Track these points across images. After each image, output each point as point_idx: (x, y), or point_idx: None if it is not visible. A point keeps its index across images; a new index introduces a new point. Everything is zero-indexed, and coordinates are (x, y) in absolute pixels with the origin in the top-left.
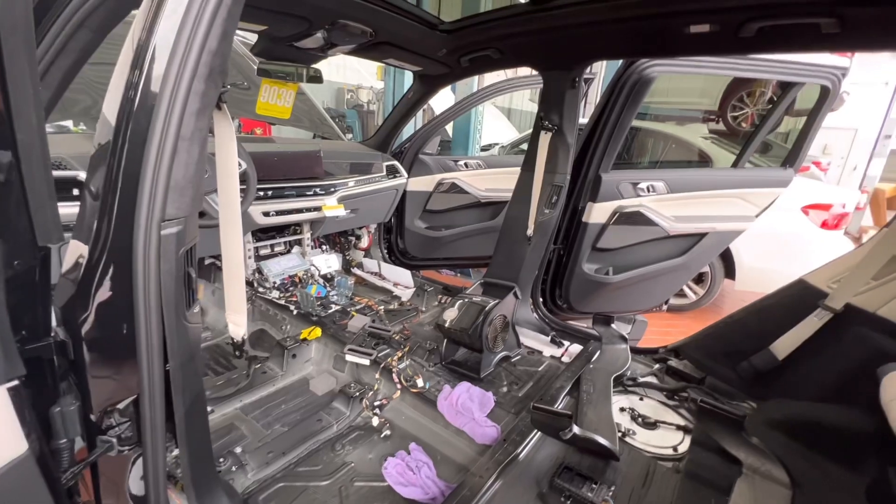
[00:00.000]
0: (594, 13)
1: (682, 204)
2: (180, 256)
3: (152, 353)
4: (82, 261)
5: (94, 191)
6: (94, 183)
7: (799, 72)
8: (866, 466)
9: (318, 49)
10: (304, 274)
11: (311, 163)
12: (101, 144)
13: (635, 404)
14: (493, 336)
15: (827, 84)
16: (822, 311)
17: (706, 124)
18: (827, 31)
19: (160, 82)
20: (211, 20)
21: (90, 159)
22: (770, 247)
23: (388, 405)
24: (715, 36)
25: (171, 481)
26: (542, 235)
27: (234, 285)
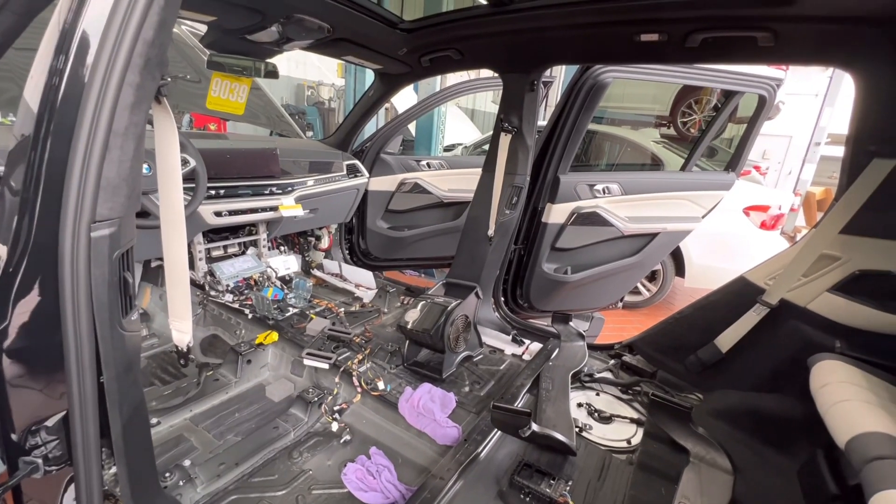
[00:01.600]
0: (551, 19)
1: (635, 205)
2: (114, 260)
3: (83, 364)
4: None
5: (14, 186)
6: (14, 178)
7: (739, 82)
8: (798, 450)
9: (274, 43)
10: (261, 276)
11: (267, 161)
12: (24, 136)
13: (592, 399)
14: (454, 336)
15: (764, 94)
16: (760, 306)
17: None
18: (763, 44)
19: (89, 72)
20: (147, 6)
21: (9, 153)
22: (716, 246)
23: (348, 409)
24: (663, 45)
25: (111, 500)
26: (502, 235)
27: (177, 290)
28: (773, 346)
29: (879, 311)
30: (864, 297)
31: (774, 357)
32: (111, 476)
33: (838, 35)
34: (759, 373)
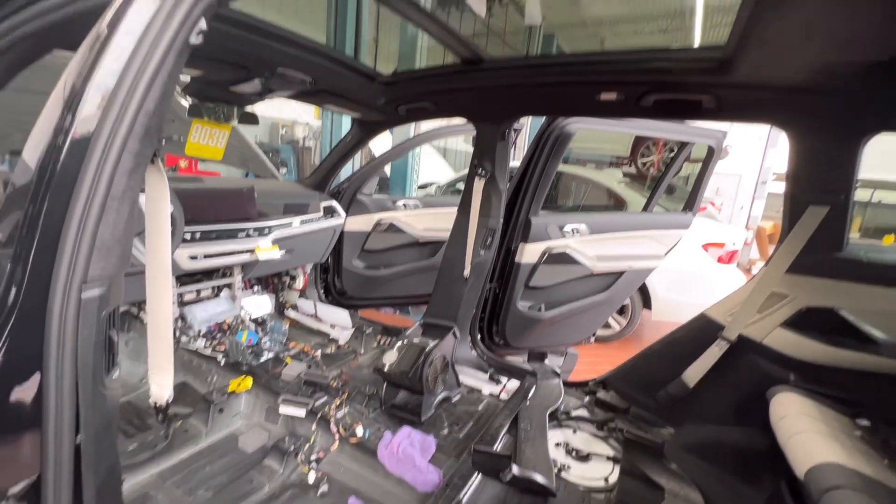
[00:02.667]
0: (519, 77)
1: (602, 244)
2: (102, 319)
3: (62, 425)
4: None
5: (3, 238)
6: (2, 228)
7: (690, 133)
8: (764, 481)
9: (256, 94)
10: (234, 320)
11: (244, 203)
12: (19, 187)
13: (569, 438)
14: (433, 377)
15: (712, 144)
16: (721, 341)
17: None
18: (708, 106)
19: (92, 137)
20: (151, 80)
21: (3, 200)
22: (679, 281)
23: (326, 458)
24: (621, 103)
25: None
26: (478, 275)
27: (160, 344)
28: (735, 380)
29: (825, 345)
30: (812, 332)
31: (737, 390)
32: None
33: (771, 100)
34: (724, 406)
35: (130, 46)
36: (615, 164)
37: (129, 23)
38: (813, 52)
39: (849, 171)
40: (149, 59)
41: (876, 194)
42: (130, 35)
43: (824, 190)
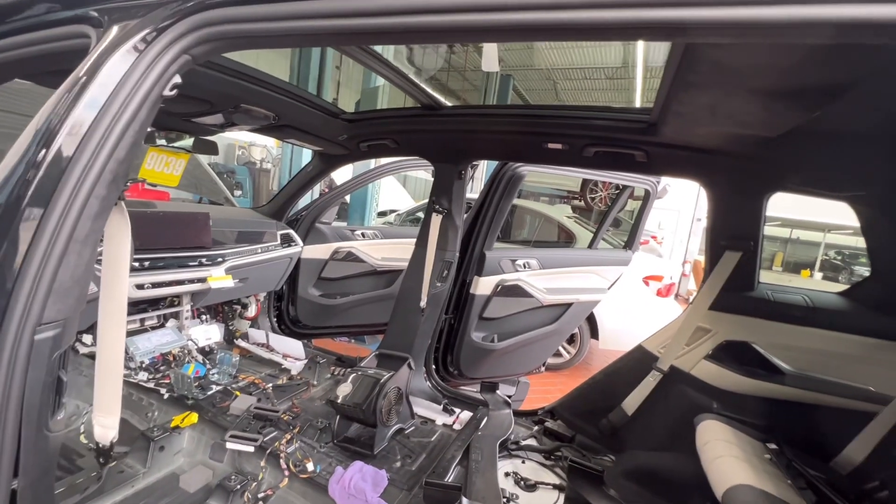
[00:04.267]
0: (474, 125)
1: (551, 278)
2: (53, 360)
3: (1, 469)
4: None
5: None
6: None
7: (630, 178)
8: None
9: (218, 126)
10: (180, 351)
11: (199, 231)
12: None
13: (518, 468)
14: (387, 409)
15: (648, 188)
16: (655, 371)
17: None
18: (639, 160)
19: (61, 180)
20: (124, 129)
21: None
22: (622, 311)
23: (274, 495)
24: (566, 152)
25: None
26: (434, 306)
27: (108, 382)
28: (668, 408)
29: (741, 376)
30: (731, 364)
31: (669, 418)
32: None
33: (691, 159)
34: (658, 433)
35: (106, 95)
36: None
37: (107, 72)
38: (719, 125)
39: (756, 223)
40: (123, 108)
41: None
42: (107, 85)
43: (737, 237)
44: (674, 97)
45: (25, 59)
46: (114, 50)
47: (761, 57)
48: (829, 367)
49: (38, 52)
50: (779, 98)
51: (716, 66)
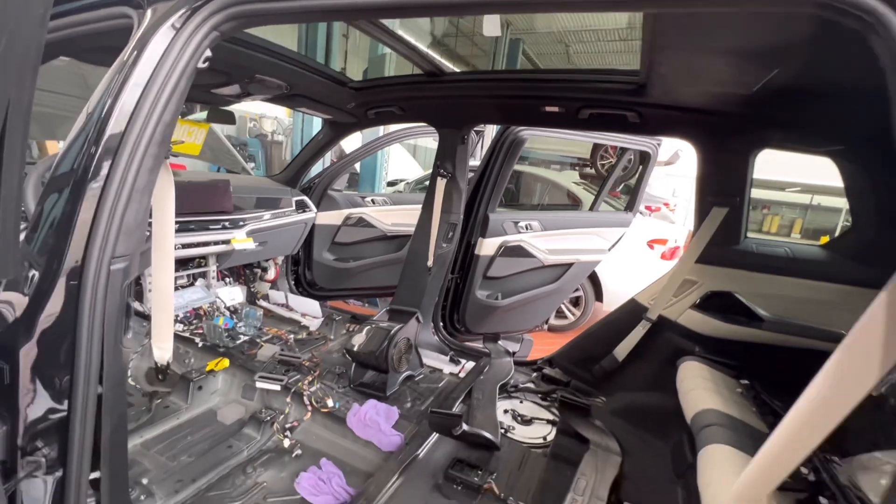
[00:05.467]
0: (475, 90)
1: (553, 239)
2: (124, 288)
3: (90, 375)
4: (33, 274)
5: (47, 220)
6: (47, 214)
7: (629, 141)
8: (671, 434)
9: (235, 97)
10: (210, 306)
11: (220, 197)
12: (61, 175)
13: (516, 406)
14: (397, 357)
15: (648, 150)
16: (645, 321)
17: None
18: (632, 120)
19: (122, 141)
20: (168, 97)
21: (47, 184)
22: (626, 274)
23: (300, 427)
24: (562, 115)
25: None
26: (440, 266)
27: (162, 315)
28: (655, 353)
29: (723, 323)
30: (714, 312)
31: (656, 362)
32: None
33: (679, 118)
34: (645, 376)
35: (151, 69)
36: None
37: (151, 49)
38: (698, 84)
39: (742, 179)
40: (167, 81)
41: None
42: (152, 60)
43: (724, 194)
44: (653, 59)
45: (72, 39)
46: (155, 30)
47: (718, 19)
48: (806, 313)
49: (84, 32)
50: (742, 56)
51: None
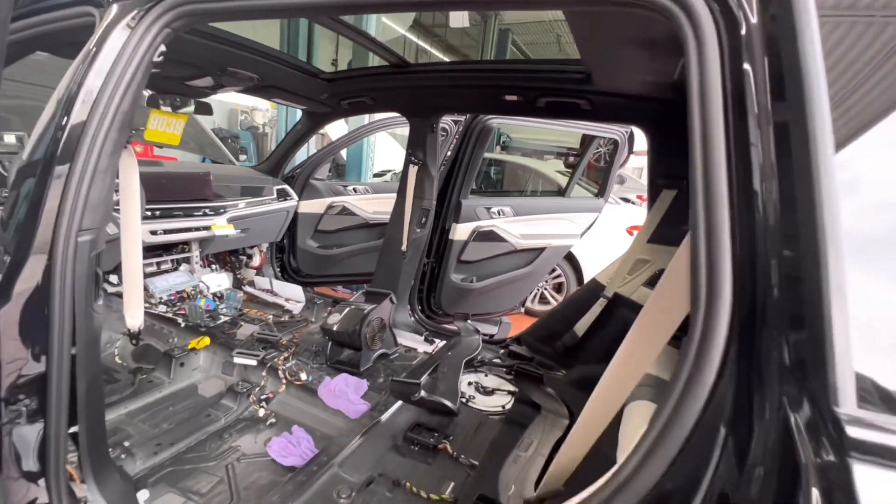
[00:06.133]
0: (439, 80)
1: (525, 224)
2: (92, 258)
3: (63, 335)
4: (6, 258)
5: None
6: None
7: (600, 129)
8: None
9: (209, 88)
10: (193, 290)
11: (201, 185)
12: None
13: (480, 379)
14: (371, 335)
15: (616, 138)
16: (602, 298)
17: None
18: (584, 108)
19: (85, 126)
20: (126, 87)
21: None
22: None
23: (274, 399)
24: (522, 104)
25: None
26: (415, 250)
27: (132, 286)
28: (610, 328)
29: None
30: None
31: (610, 337)
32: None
33: (627, 105)
34: (600, 349)
35: (111, 62)
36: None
37: (110, 45)
38: (632, 72)
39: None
40: (124, 72)
41: None
42: (111, 54)
43: (672, 177)
44: (585, 50)
45: (44, 35)
46: (113, 27)
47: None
48: None
49: (54, 29)
50: (653, 45)
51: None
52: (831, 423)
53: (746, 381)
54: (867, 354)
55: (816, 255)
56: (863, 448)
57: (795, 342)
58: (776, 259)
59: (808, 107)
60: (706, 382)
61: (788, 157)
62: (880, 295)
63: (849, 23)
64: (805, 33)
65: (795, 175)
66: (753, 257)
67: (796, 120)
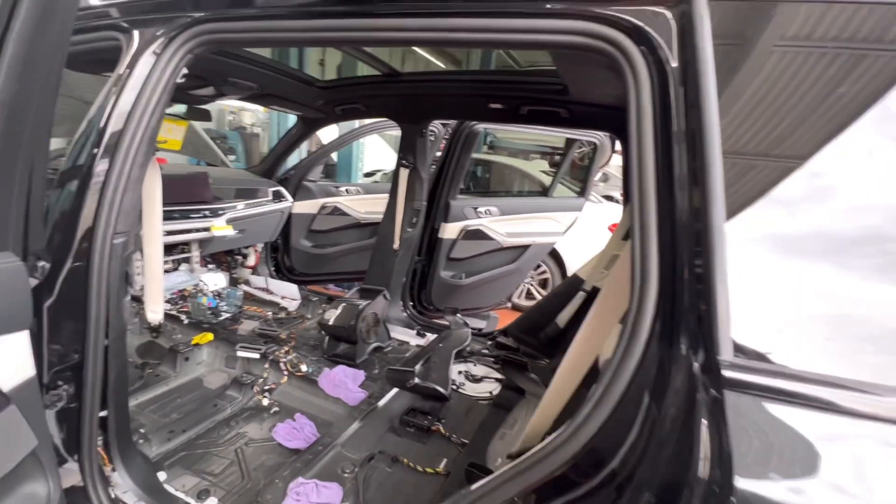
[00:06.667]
0: (428, 89)
1: (510, 223)
2: (124, 258)
3: (99, 327)
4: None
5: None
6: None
7: (578, 134)
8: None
9: (210, 97)
10: (194, 288)
11: (200, 187)
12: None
13: (470, 368)
14: (366, 329)
15: (595, 141)
16: (582, 292)
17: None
18: (564, 115)
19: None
20: (155, 107)
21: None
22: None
23: (277, 389)
24: (506, 111)
25: None
26: (406, 249)
27: (153, 284)
28: None
29: None
30: None
31: None
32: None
33: (601, 114)
34: None
35: (140, 84)
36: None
37: (139, 70)
38: (599, 86)
39: None
40: (153, 93)
41: None
42: (140, 77)
43: None
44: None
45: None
46: (140, 54)
47: None
48: None
49: (80, 49)
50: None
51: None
52: (714, 366)
53: (668, 342)
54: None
55: (709, 251)
56: (733, 383)
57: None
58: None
59: (705, 127)
60: (640, 344)
61: (693, 169)
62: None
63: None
64: (706, 73)
65: (697, 183)
66: (673, 253)
67: (699, 137)
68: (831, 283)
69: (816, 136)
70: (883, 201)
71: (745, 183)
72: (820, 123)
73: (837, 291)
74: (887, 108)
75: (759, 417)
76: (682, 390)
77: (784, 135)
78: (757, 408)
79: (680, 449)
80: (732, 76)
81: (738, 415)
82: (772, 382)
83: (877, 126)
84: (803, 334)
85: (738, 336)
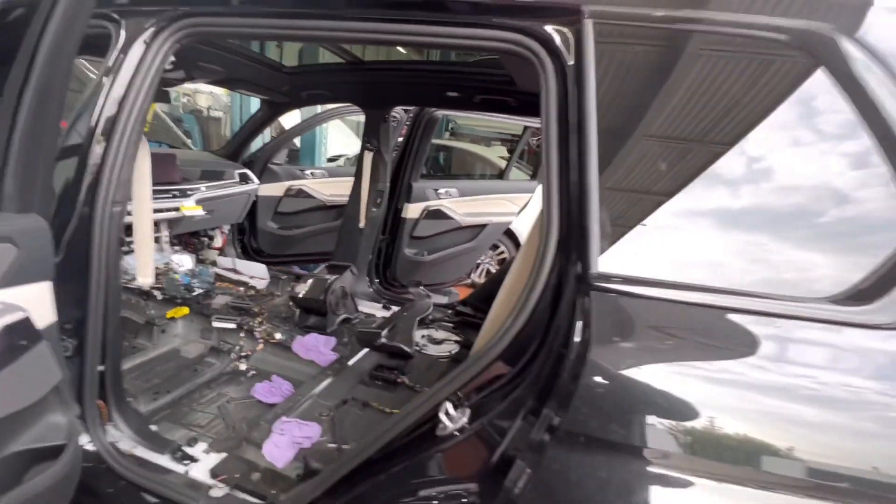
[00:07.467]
0: (390, 77)
1: (469, 204)
2: (121, 226)
3: (100, 286)
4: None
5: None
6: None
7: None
8: None
9: (177, 80)
10: (165, 266)
11: (168, 168)
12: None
13: (432, 333)
14: (335, 302)
15: None
16: None
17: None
18: (514, 104)
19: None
20: (147, 89)
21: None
22: None
23: (253, 355)
24: (462, 99)
25: None
26: (371, 227)
27: (143, 251)
28: None
29: None
30: None
31: None
32: None
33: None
34: None
35: (132, 70)
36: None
37: (130, 58)
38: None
39: None
40: (144, 79)
41: None
42: (132, 63)
43: None
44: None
45: None
46: (131, 44)
47: None
48: None
49: None
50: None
51: None
52: (586, 276)
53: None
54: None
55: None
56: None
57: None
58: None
59: (585, 118)
60: (546, 266)
61: (579, 146)
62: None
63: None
64: (589, 72)
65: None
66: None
67: (582, 126)
68: (670, 221)
69: (668, 118)
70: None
71: (617, 157)
72: (667, 109)
73: (675, 226)
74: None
75: (611, 307)
76: (569, 295)
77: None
78: (611, 301)
79: (566, 333)
80: (608, 76)
81: (599, 305)
82: (621, 287)
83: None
84: (645, 255)
85: (602, 259)
